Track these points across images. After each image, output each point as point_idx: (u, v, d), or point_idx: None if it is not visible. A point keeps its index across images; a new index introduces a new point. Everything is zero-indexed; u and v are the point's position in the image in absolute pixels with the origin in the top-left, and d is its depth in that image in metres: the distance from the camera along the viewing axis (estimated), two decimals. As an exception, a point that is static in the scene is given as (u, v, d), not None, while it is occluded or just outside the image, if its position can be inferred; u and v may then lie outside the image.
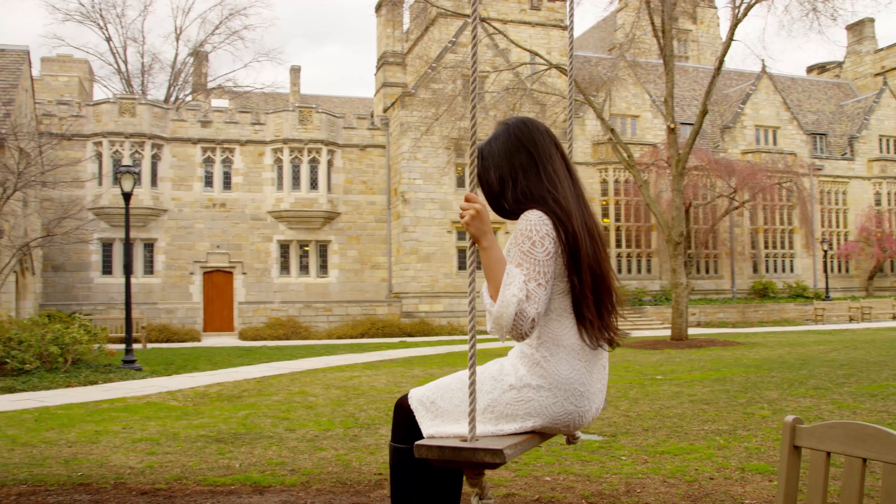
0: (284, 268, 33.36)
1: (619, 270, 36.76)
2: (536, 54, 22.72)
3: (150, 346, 25.01)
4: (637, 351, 18.65)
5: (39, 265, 28.41)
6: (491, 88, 30.62)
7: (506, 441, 2.61)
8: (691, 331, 27.76)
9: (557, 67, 21.77)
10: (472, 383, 2.63)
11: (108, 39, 42.55)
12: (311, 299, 32.42)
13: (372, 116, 35.40)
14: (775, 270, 39.76)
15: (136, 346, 22.94)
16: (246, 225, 32.78)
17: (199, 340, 28.67)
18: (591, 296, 2.70)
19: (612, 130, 21.87)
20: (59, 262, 29.98)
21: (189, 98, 44.56)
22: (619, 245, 36.89)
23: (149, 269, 31.62)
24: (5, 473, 6.11)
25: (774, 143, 40.39)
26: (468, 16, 27.09)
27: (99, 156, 30.60)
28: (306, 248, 33.65)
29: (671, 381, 12.03)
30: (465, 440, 2.63)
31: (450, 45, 32.99)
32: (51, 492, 5.49)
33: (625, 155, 21.78)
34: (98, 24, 42.29)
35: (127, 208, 16.51)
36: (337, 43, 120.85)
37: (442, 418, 2.88)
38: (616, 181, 36.67)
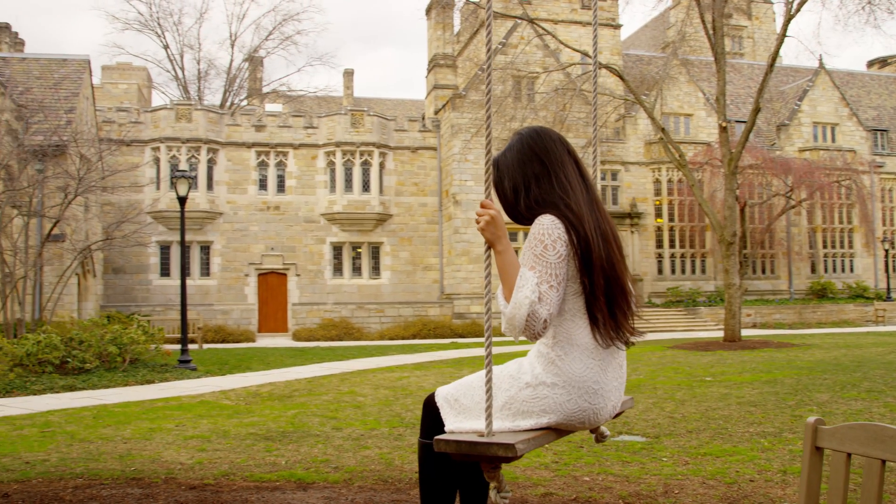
0: (337, 269, 33.74)
1: (673, 271, 36.40)
2: (586, 54, 22.64)
3: (205, 346, 25.55)
4: (688, 352, 18.46)
5: (100, 268, 29.22)
6: (541, 89, 30.55)
7: (520, 436, 2.72)
8: (746, 332, 27.33)
9: (607, 67, 21.66)
10: (489, 381, 2.74)
11: (166, 47, 43.57)
12: (364, 300, 32.73)
13: (423, 119, 35.61)
14: (834, 270, 38.88)
15: (192, 346, 23.48)
16: (299, 227, 33.24)
17: (253, 341, 29.19)
18: (602, 297, 2.78)
19: (663, 130, 21.67)
20: (119, 264, 30.81)
21: (244, 103, 45.36)
22: (672, 245, 36.50)
23: (205, 271, 32.29)
24: (63, 467, 6.36)
25: (833, 140, 39.51)
26: (519, 17, 27.09)
27: (157, 161, 31.36)
28: (359, 250, 33.99)
29: (720, 382, 11.91)
30: (483, 435, 2.72)
31: (500, 46, 33.00)
32: (105, 485, 5.71)
33: (676, 154, 21.56)
34: (156, 32, 43.34)
35: (182, 212, 16.93)
36: (391, 46, 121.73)
37: (465, 415, 3.01)
38: (669, 181, 36.28)
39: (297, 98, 47.19)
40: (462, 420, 3.00)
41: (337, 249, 33.76)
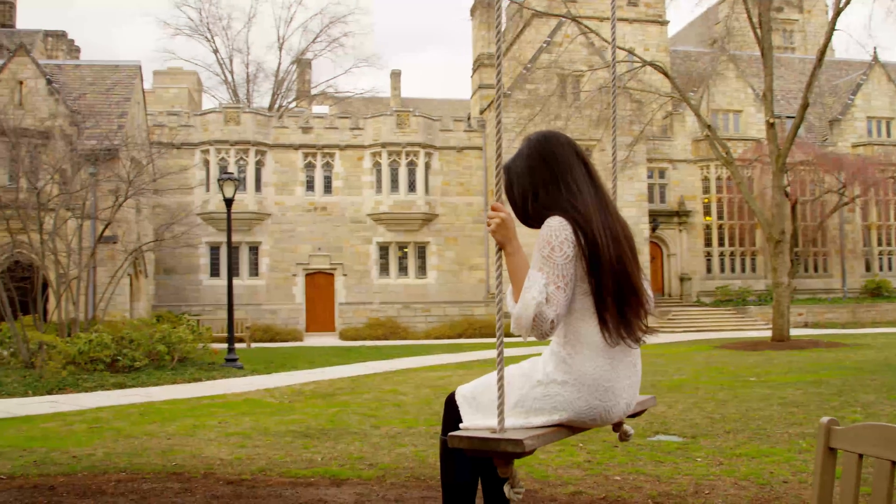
0: (384, 269, 33.97)
1: (722, 269, 35.92)
2: (630, 52, 22.46)
3: (254, 345, 25.95)
4: (735, 352, 18.23)
5: (152, 268, 29.88)
6: (586, 87, 30.39)
7: (530, 433, 2.78)
8: (798, 332, 26.85)
9: (651, 64, 21.48)
10: (500, 379, 2.80)
11: (216, 51, 44.34)
12: (410, 300, 32.90)
13: (469, 119, 35.67)
14: (889, 269, 37.92)
15: (240, 345, 23.87)
16: (346, 228, 33.55)
17: (301, 340, 29.55)
18: (611, 297, 2.82)
19: (709, 127, 21.40)
20: (171, 265, 31.45)
21: (293, 105, 45.93)
22: (721, 243, 36.02)
23: (254, 271, 32.80)
24: (108, 462, 6.57)
25: (888, 134, 38.57)
26: (563, 16, 26.99)
27: (206, 163, 31.94)
28: (405, 250, 34.19)
29: (764, 383, 11.75)
30: (495, 432, 2.79)
31: (544, 45, 32.91)
32: (146, 479, 5.89)
33: (723, 151, 21.29)
34: (206, 37, 44.27)
35: (229, 213, 17.24)
36: (438, 47, 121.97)
37: (481, 412, 3.07)
38: (718, 178, 35.81)
39: (345, 99, 47.64)
40: (479, 417, 3.07)
41: (383, 249, 33.99)
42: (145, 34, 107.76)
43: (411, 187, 33.45)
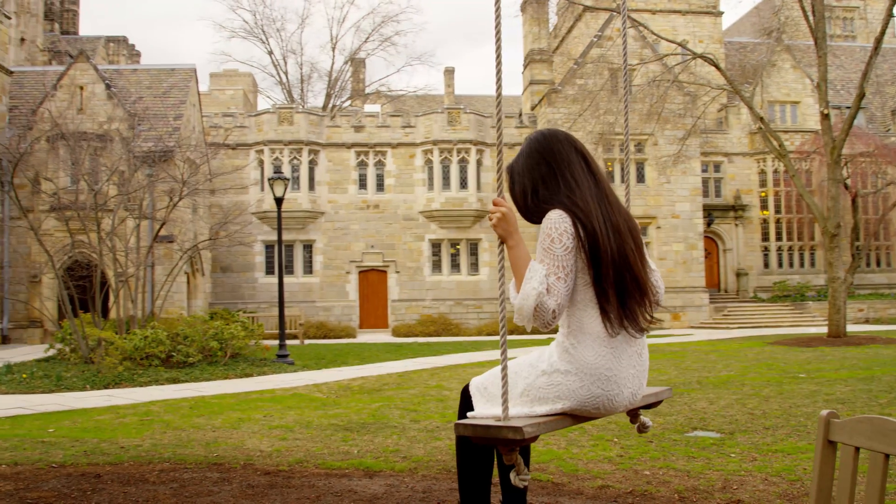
0: (436, 266, 34.12)
1: (780, 264, 35.24)
2: (680, 45, 22.22)
3: (307, 342, 26.37)
4: (788, 348, 17.92)
5: (209, 267, 30.54)
6: (639, 81, 30.10)
7: (532, 421, 2.89)
8: (857, 328, 26.25)
9: (702, 57, 21.19)
10: (504, 370, 2.93)
11: (270, 53, 45.07)
12: (462, 297, 33.03)
13: (520, 115, 35.61)
14: (956, 262, 36.77)
15: (293, 342, 24.28)
16: (398, 225, 33.81)
17: (354, 337, 29.91)
18: (611, 287, 2.89)
19: (762, 119, 21.01)
20: (227, 263, 32.10)
21: (348, 104, 46.39)
22: (779, 238, 35.33)
23: (308, 269, 33.26)
24: (154, 452, 6.82)
25: (955, 124, 37.33)
26: (612, 10, 26.79)
27: (261, 163, 32.50)
28: (457, 247, 34.29)
29: (813, 379, 11.56)
30: (500, 420, 2.90)
31: (595, 39, 32.68)
32: (188, 469, 6.10)
33: (776, 144, 20.90)
34: (260, 39, 44.91)
35: (279, 212, 17.56)
36: (492, 43, 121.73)
37: (491, 402, 3.21)
38: (775, 171, 35.11)
39: (399, 97, 47.94)
40: (489, 406, 3.19)
41: (435, 246, 34.14)
42: (204, 37, 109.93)
43: (463, 184, 33.52)
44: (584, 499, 5.10)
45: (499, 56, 3.09)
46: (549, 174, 3.08)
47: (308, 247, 33.37)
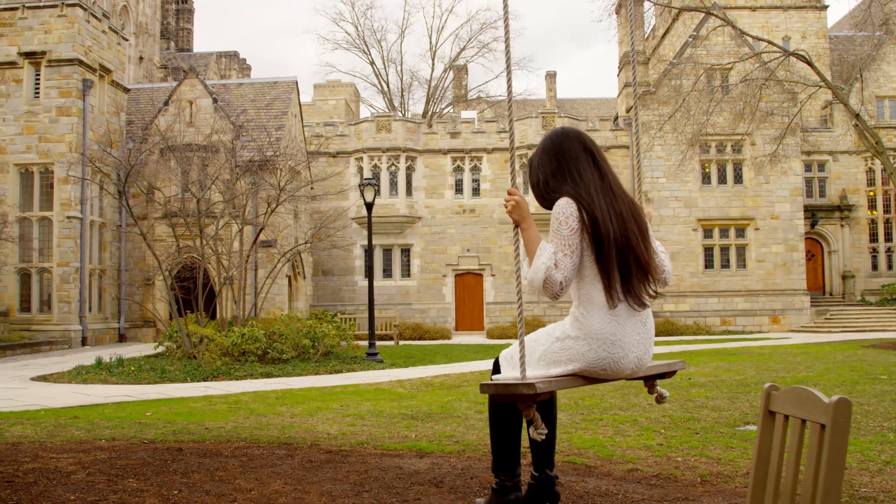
0: (531, 269, 34.38)
1: (890, 266, 33.98)
2: (770, 42, 21.89)
3: (402, 342, 27.16)
4: (881, 352, 17.46)
5: (310, 270, 31.82)
6: (734, 80, 29.65)
7: (546, 379, 3.43)
8: (969, 332, 25.11)
9: (794, 54, 20.84)
10: (521, 338, 3.47)
11: (372, 63, 46.37)
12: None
13: (616, 118, 35.57)
14: None
15: (388, 343, 25.10)
16: (493, 229, 34.31)
17: (449, 338, 30.57)
18: (612, 264, 3.41)
19: (857, 115, 20.49)
20: (328, 267, 33.36)
21: (449, 110, 47.22)
22: (888, 239, 34.05)
23: (406, 272, 34.18)
24: (233, 433, 7.54)
25: None
26: (706, 10, 26.53)
27: (360, 170, 33.64)
28: (552, 250, 34.46)
29: (892, 381, 11.41)
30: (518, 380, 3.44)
31: (690, 39, 32.37)
32: (259, 447, 6.78)
33: (872, 141, 20.37)
34: (362, 50, 46.24)
35: (369, 217, 18.35)
36: (594, 46, 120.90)
37: (514, 367, 3.76)
38: (884, 169, 33.79)
39: (498, 103, 48.44)
40: (512, 370, 3.76)
41: (531, 250, 34.39)
42: (310, 49, 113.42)
43: (558, 188, 33.69)
44: (611, 479, 5.45)
45: (508, 60, 3.64)
46: (558, 168, 3.63)
47: (406, 251, 34.28)
